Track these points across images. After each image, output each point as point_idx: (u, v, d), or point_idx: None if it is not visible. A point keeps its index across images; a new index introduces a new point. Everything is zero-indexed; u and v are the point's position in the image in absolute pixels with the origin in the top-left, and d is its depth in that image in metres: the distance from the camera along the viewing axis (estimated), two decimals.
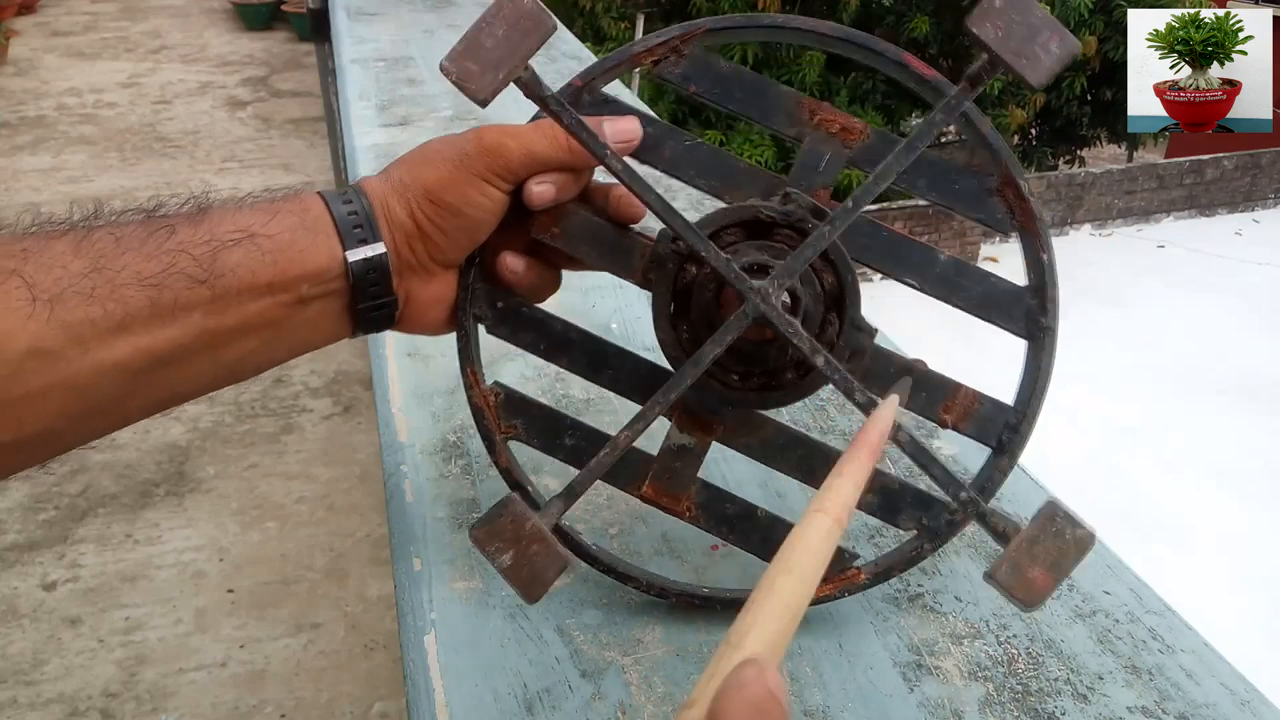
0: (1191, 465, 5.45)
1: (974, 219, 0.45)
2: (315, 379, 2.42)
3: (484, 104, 0.40)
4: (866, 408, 0.40)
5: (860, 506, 0.45)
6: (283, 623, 1.74)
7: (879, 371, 0.45)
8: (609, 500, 0.54)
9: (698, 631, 0.46)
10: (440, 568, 0.49)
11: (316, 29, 2.51)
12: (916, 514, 0.46)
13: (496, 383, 0.46)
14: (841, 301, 0.43)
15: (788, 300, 0.41)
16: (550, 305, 0.47)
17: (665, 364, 0.45)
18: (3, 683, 1.60)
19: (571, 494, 0.41)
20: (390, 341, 0.68)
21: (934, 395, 0.45)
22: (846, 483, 0.31)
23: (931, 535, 0.45)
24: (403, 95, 1.22)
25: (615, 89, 0.49)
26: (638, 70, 0.45)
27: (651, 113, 0.45)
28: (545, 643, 0.45)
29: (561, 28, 1.59)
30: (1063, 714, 0.42)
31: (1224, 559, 4.98)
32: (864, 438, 0.34)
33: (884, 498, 0.46)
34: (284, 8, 5.61)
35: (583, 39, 2.10)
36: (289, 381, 2.41)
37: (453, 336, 0.47)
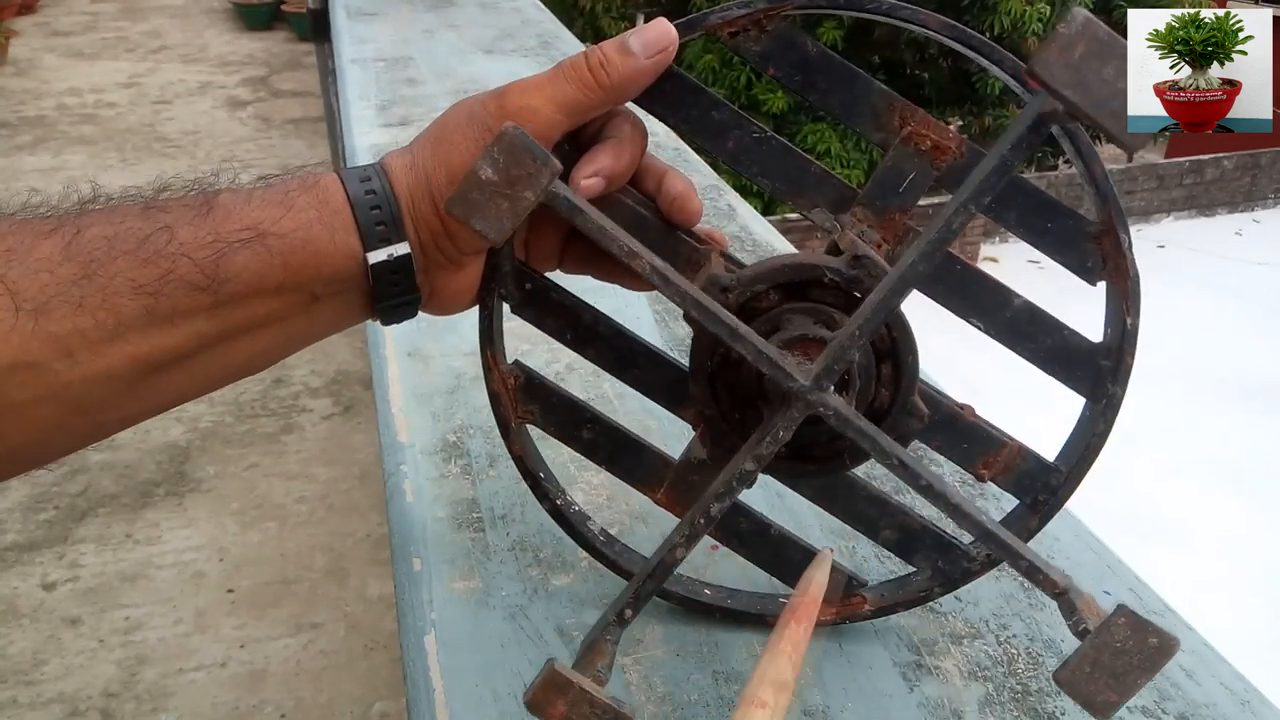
0: (1191, 465, 5.45)
1: (1058, 261, 0.41)
2: (315, 379, 2.42)
3: (497, 244, 0.35)
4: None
5: (877, 541, 0.45)
6: (283, 623, 1.75)
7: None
8: (609, 500, 0.54)
9: (698, 631, 0.46)
10: (440, 568, 0.49)
11: (316, 29, 2.51)
12: (933, 556, 0.44)
13: (517, 362, 0.43)
14: (897, 379, 0.39)
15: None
16: None
17: None
18: (3, 683, 1.60)
19: (622, 620, 0.37)
20: (390, 342, 0.68)
21: (976, 448, 0.42)
22: (781, 661, 0.30)
23: (944, 579, 0.44)
24: (403, 95, 1.22)
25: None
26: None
27: (718, 96, 0.41)
28: (545, 643, 0.45)
29: (561, 28, 1.59)
30: (1062, 714, 0.42)
31: (1224, 559, 4.98)
32: (797, 605, 0.33)
33: (904, 535, 0.44)
34: (284, 8, 5.61)
35: (583, 39, 2.10)
36: (289, 381, 2.41)
37: (450, 340, 0.46)
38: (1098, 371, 0.41)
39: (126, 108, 4.40)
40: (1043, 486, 0.43)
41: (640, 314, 0.72)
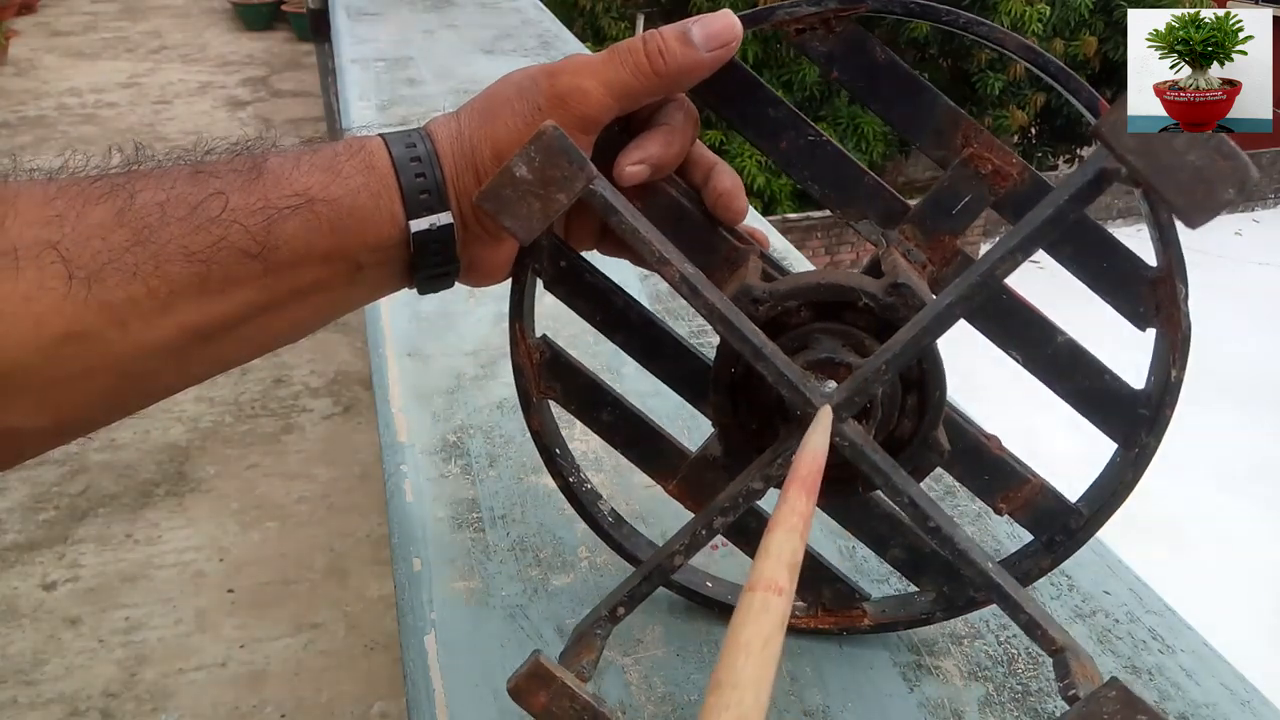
0: (1191, 465, 5.45)
1: (1109, 302, 0.39)
2: (315, 379, 2.42)
3: (525, 243, 0.35)
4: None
5: (885, 559, 0.44)
6: (283, 623, 1.74)
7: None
8: (609, 499, 0.54)
9: (698, 631, 0.46)
10: (440, 568, 0.49)
11: (316, 29, 2.51)
12: (940, 581, 0.44)
13: (544, 337, 0.43)
14: (921, 411, 0.38)
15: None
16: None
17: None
18: (3, 683, 1.60)
19: (614, 617, 0.37)
20: (390, 341, 0.68)
21: (997, 481, 0.41)
22: (780, 539, 0.26)
23: (947, 605, 0.44)
24: (403, 95, 1.22)
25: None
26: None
27: (776, 93, 0.40)
28: (545, 643, 0.45)
29: (561, 27, 1.59)
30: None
31: (1224, 559, 4.98)
32: (794, 472, 0.29)
33: (912, 556, 0.44)
34: (284, 8, 5.61)
35: (583, 39, 2.10)
36: (289, 381, 2.41)
37: (450, 340, 0.45)
38: (1134, 420, 0.40)
39: (126, 108, 4.40)
40: (1061, 527, 0.42)
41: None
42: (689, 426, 0.58)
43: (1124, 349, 0.41)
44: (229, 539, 1.93)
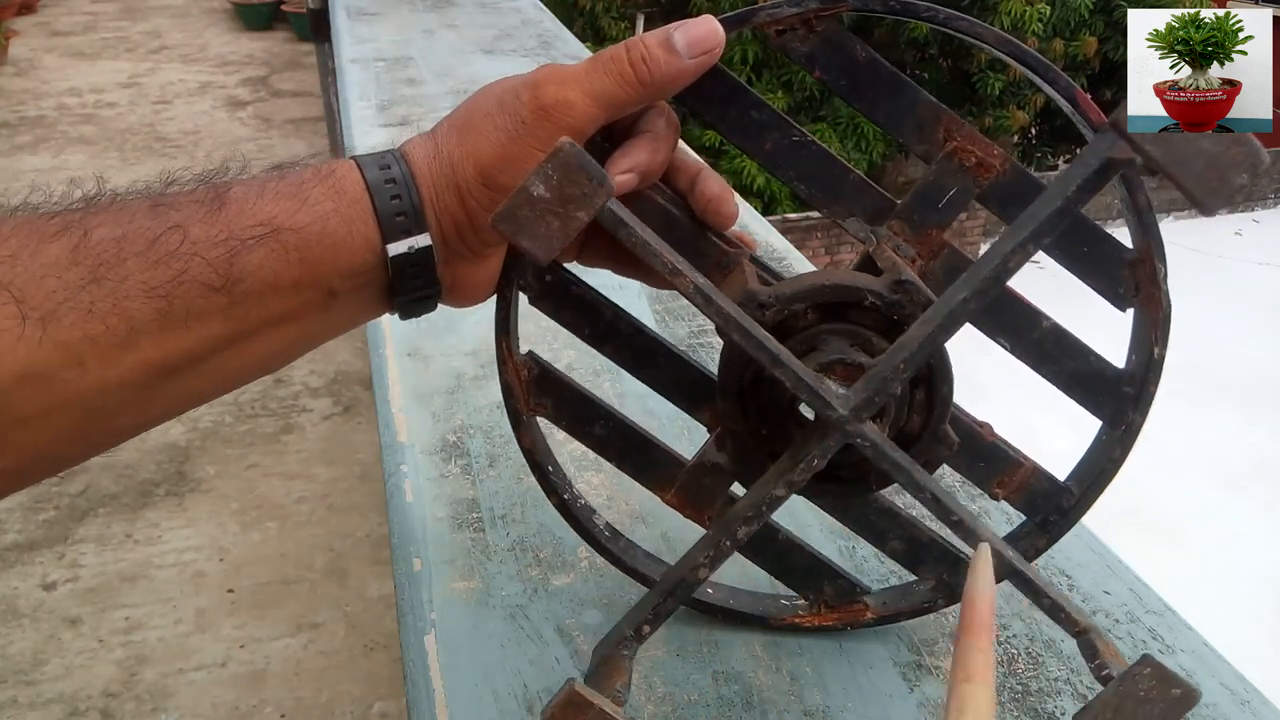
0: (1191, 465, 5.46)
1: (1090, 284, 0.40)
2: (315, 379, 2.42)
3: (543, 264, 0.35)
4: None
5: (884, 550, 0.44)
6: (283, 623, 1.74)
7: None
8: (609, 500, 0.54)
9: (698, 631, 0.46)
10: (440, 568, 0.49)
11: (316, 29, 2.51)
12: (939, 569, 0.44)
13: (531, 354, 0.42)
14: (930, 406, 0.38)
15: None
16: None
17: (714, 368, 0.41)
18: (3, 683, 1.60)
19: (640, 636, 0.37)
20: (390, 341, 0.68)
21: (992, 467, 0.42)
22: (980, 692, 0.27)
23: (948, 592, 0.44)
24: (403, 95, 1.22)
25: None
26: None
27: (758, 95, 0.40)
28: (545, 643, 0.45)
29: (561, 27, 1.59)
30: (1062, 714, 0.42)
31: (1224, 559, 4.98)
32: (973, 620, 0.30)
33: (911, 547, 0.44)
34: (284, 8, 5.61)
35: (583, 39, 2.10)
36: (289, 381, 2.41)
37: (450, 340, 0.45)
38: (1120, 398, 0.41)
39: (126, 108, 4.39)
40: (1054, 508, 0.42)
41: (642, 312, 0.71)
42: (690, 426, 0.58)
43: (1122, 348, 0.41)
44: (229, 539, 1.93)
